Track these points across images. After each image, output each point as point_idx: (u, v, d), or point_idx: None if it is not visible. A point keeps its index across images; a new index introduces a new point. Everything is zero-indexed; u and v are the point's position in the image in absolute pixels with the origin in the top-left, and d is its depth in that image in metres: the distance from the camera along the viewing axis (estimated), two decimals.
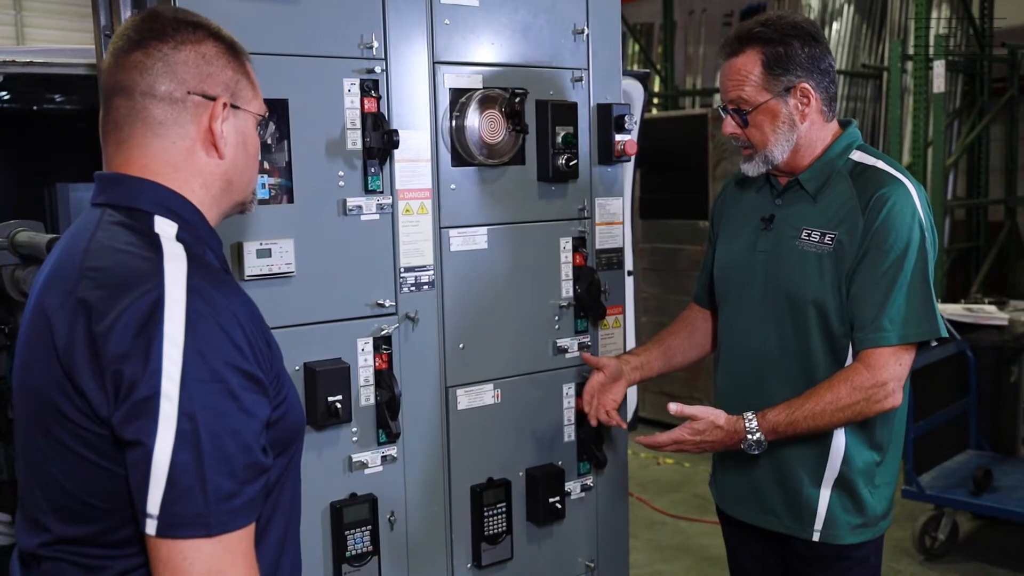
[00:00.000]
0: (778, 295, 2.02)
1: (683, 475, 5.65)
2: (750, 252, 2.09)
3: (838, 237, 1.94)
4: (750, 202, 2.15)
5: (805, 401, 1.91)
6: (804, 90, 1.95)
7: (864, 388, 1.88)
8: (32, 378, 1.24)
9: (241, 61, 1.37)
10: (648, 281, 6.45)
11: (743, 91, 1.96)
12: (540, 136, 2.30)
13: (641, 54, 9.57)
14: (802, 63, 1.94)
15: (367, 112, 2.04)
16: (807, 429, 1.91)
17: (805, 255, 1.98)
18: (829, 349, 1.97)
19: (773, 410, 1.93)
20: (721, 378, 2.18)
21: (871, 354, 1.90)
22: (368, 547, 2.07)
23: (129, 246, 1.23)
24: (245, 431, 1.17)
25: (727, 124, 2.02)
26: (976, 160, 7.62)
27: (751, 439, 1.93)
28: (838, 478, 2.00)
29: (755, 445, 1.94)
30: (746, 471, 2.11)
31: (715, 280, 2.21)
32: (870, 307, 1.90)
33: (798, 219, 2.02)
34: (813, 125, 1.99)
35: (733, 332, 2.14)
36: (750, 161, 2.03)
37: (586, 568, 2.48)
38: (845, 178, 1.98)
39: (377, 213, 2.08)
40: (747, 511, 2.14)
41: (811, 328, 1.98)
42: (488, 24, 2.23)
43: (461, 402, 2.24)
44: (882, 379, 1.88)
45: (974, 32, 7.51)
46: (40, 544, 1.26)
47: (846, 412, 1.89)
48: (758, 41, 1.95)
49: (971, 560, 4.30)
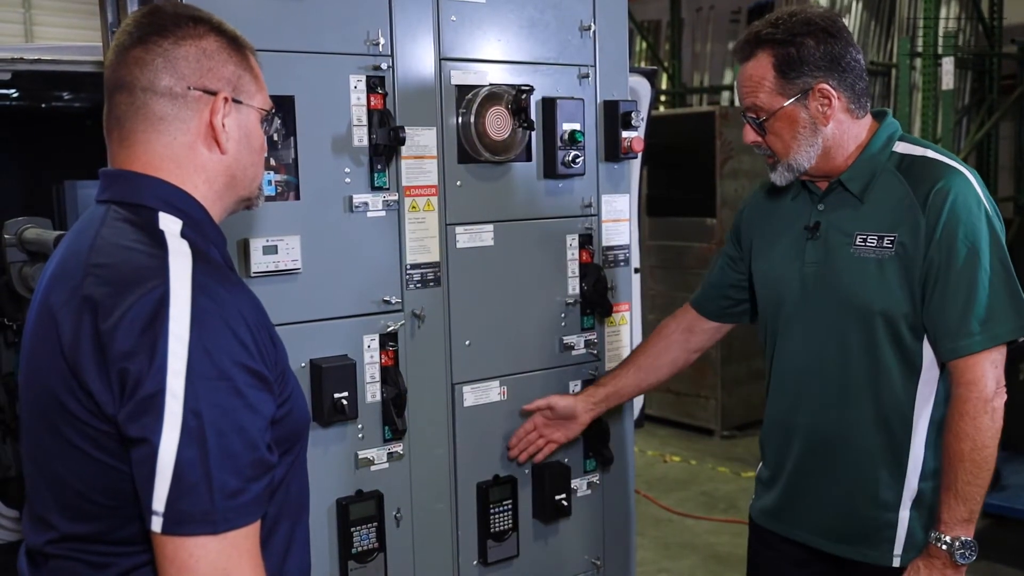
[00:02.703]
0: (838, 308, 1.87)
1: (690, 473, 5.64)
2: (798, 264, 1.94)
3: (899, 239, 1.80)
4: (786, 210, 2.01)
5: (954, 473, 1.77)
6: (823, 91, 1.82)
7: (983, 412, 1.75)
8: (38, 375, 1.24)
9: (244, 55, 1.36)
10: (655, 278, 6.45)
11: (757, 98, 1.84)
12: (547, 133, 2.29)
13: (648, 51, 9.56)
14: (818, 62, 1.81)
15: (373, 109, 2.03)
16: (982, 488, 1.77)
17: (864, 262, 1.83)
18: (901, 359, 1.84)
19: (942, 510, 1.79)
20: (774, 400, 2.04)
21: (966, 367, 1.76)
22: (374, 544, 2.07)
23: (134, 243, 1.23)
24: (251, 428, 1.17)
25: (747, 133, 1.90)
26: (985, 158, 7.59)
27: (956, 550, 1.78)
28: (917, 497, 1.88)
29: (965, 549, 1.79)
30: (813, 495, 1.97)
31: (759, 298, 2.07)
32: (953, 311, 1.76)
33: (848, 224, 1.87)
34: (841, 125, 1.85)
35: (786, 350, 1.98)
36: (775, 170, 1.91)
37: (592, 565, 2.48)
38: (893, 173, 1.84)
39: (383, 210, 2.08)
40: (810, 535, 1.98)
41: (880, 339, 1.83)
42: (495, 21, 2.23)
43: (467, 399, 2.24)
44: (989, 391, 1.75)
45: (983, 29, 7.48)
46: (47, 542, 1.26)
47: (990, 445, 1.76)
48: (768, 43, 1.83)
49: (979, 559, 4.24)
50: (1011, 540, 4.46)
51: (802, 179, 1.93)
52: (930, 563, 1.81)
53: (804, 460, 1.98)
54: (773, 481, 2.07)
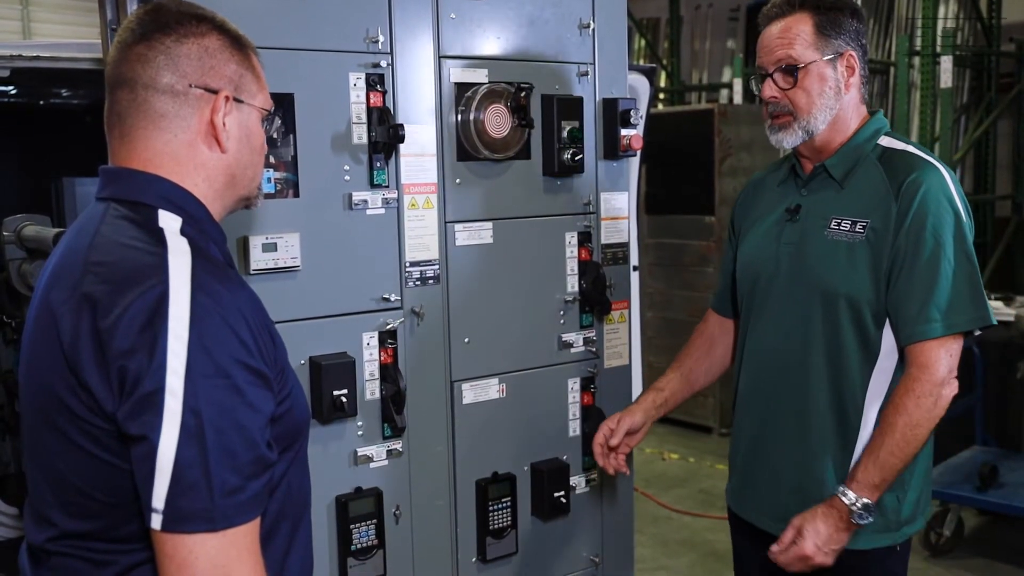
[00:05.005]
0: (806, 288, 1.93)
1: (688, 470, 5.65)
2: (775, 245, 2.00)
3: (871, 225, 1.86)
4: (773, 196, 2.08)
5: (881, 439, 1.81)
6: (851, 59, 1.91)
7: (928, 394, 1.79)
8: (38, 373, 1.24)
9: (246, 54, 1.36)
10: (654, 276, 6.44)
11: (793, 49, 1.89)
12: (545, 131, 2.30)
13: (647, 49, 9.55)
14: (850, 33, 1.91)
15: (373, 106, 2.04)
16: (903, 463, 1.81)
17: (836, 245, 1.89)
18: (861, 345, 1.89)
19: (857, 468, 1.83)
20: (743, 379, 2.09)
21: (921, 351, 1.81)
22: (373, 541, 2.08)
23: (134, 241, 1.23)
24: (250, 426, 1.17)
25: (768, 87, 1.92)
26: (983, 156, 7.59)
27: (856, 509, 1.81)
28: None
29: (865, 512, 1.81)
30: (766, 476, 2.02)
31: (737, 277, 2.12)
32: (915, 299, 1.81)
33: (826, 208, 1.93)
34: (853, 99, 1.94)
35: (756, 329, 2.04)
36: (786, 129, 1.93)
37: (591, 563, 2.48)
38: (875, 164, 1.91)
39: (383, 207, 2.08)
40: (762, 516, 2.04)
41: (842, 322, 1.89)
42: (494, 18, 2.23)
43: (466, 396, 2.24)
44: (940, 376, 1.80)
45: (982, 27, 7.48)
46: (48, 539, 1.26)
47: (925, 426, 1.80)
48: (809, 5, 1.90)
49: (977, 556, 4.30)
50: (1009, 537, 4.47)
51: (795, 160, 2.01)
52: (828, 513, 1.84)
53: (760, 439, 2.04)
54: (734, 461, 2.14)
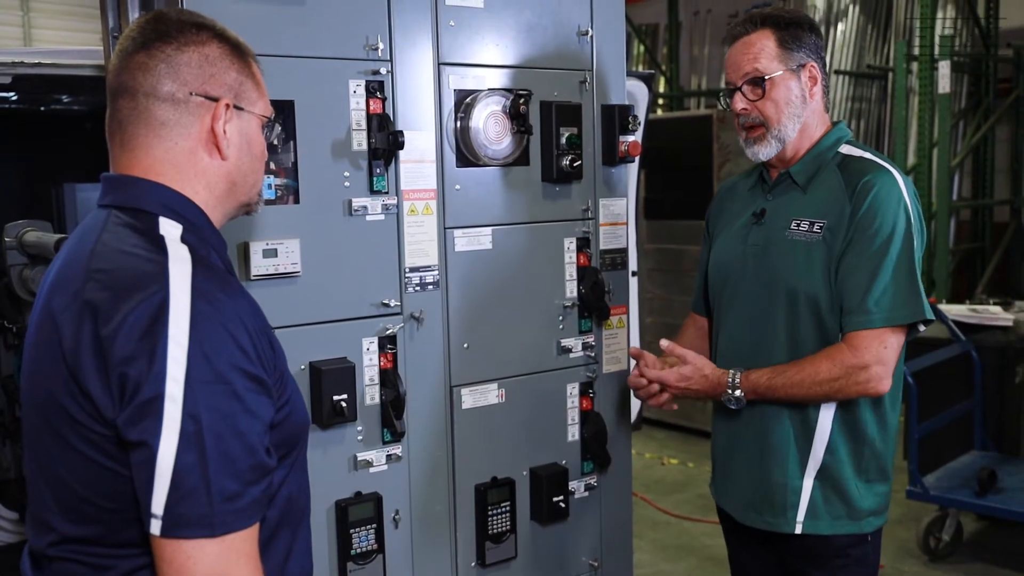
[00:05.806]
0: (768, 287, 2.04)
1: (687, 475, 5.65)
2: (742, 246, 2.11)
3: (827, 225, 1.97)
4: (743, 201, 2.19)
5: (788, 368, 1.96)
6: (813, 69, 2.04)
7: (844, 366, 1.90)
8: (39, 379, 1.25)
9: (247, 62, 1.37)
10: (653, 281, 6.45)
11: (759, 63, 2.01)
12: (544, 137, 2.31)
13: (646, 55, 9.57)
14: (810, 46, 2.04)
15: (373, 113, 2.04)
16: (787, 396, 1.96)
17: (795, 245, 2.00)
18: (821, 342, 1.98)
19: (757, 371, 1.99)
20: None
21: (855, 336, 1.92)
22: (373, 545, 2.08)
23: (135, 248, 1.24)
24: (249, 432, 1.18)
25: (738, 100, 2.04)
26: (981, 161, 7.61)
27: (731, 394, 2.00)
28: (821, 468, 2.01)
29: (734, 400, 2.01)
30: (737, 467, 2.13)
31: (709, 278, 2.24)
32: (856, 290, 1.92)
33: (789, 210, 2.05)
34: (817, 108, 2.06)
35: (726, 326, 2.15)
36: (761, 142, 2.05)
37: (590, 567, 2.49)
38: (834, 170, 2.02)
39: (382, 213, 2.09)
40: (735, 507, 2.15)
41: (802, 320, 2.00)
42: (493, 25, 2.24)
43: (466, 401, 2.25)
44: (864, 360, 1.90)
45: (979, 32, 7.50)
46: (48, 544, 1.27)
47: (824, 387, 1.92)
48: (770, 22, 2.03)
49: (975, 561, 4.30)
50: (1007, 542, 4.47)
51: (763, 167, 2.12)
52: (712, 376, 2.03)
53: (733, 433, 2.14)
54: (715, 454, 2.25)
